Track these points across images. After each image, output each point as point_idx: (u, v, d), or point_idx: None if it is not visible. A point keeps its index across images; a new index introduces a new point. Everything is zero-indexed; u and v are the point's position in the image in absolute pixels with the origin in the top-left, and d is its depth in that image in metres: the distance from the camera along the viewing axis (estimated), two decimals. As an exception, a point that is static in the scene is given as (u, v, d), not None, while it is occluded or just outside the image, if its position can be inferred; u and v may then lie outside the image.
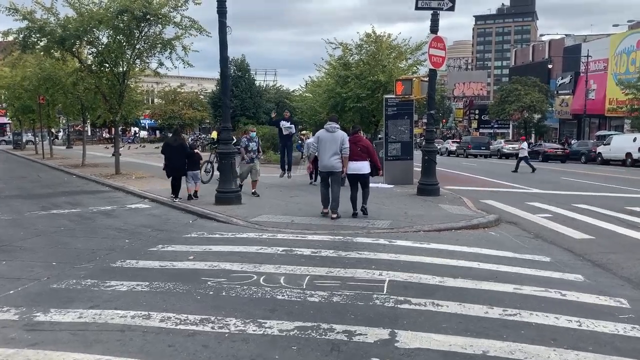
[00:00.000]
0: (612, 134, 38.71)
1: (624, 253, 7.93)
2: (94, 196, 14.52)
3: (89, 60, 19.20)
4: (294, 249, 7.63)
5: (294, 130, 18.10)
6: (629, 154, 31.98)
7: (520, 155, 25.57)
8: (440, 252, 7.57)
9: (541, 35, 64.15)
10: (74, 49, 18.36)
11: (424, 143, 14.02)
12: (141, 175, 18.93)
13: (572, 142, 46.87)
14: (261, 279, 6.11)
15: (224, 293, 5.62)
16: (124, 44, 18.32)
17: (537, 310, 5.17)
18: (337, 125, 10.24)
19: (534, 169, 24.43)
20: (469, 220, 10.00)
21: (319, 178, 11.11)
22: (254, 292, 5.64)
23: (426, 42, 21.88)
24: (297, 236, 8.59)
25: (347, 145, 9.95)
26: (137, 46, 18.66)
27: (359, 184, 10.39)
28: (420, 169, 13.94)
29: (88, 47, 18.96)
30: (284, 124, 17.03)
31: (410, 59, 23.28)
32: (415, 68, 23.10)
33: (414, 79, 14.33)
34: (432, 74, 13.29)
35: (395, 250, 7.61)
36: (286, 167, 17.15)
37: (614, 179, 21.00)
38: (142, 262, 7.04)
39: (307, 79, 32.11)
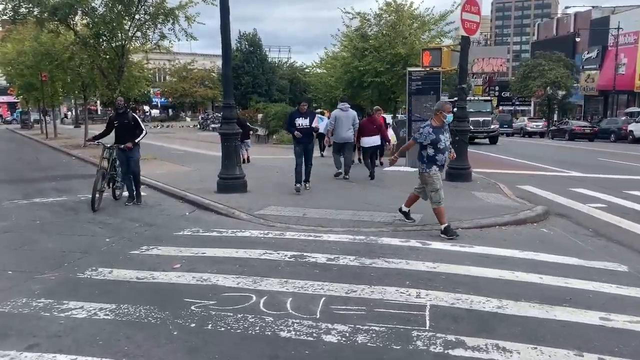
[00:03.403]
0: (644, 111, 36.49)
1: None
2: (87, 181, 13.10)
3: (85, 32, 17.69)
4: (305, 254, 6.17)
5: (321, 126, 12.96)
6: (664, 132, 29.94)
7: None
8: (488, 259, 6.06)
9: (566, 7, 61.05)
10: (68, 20, 16.89)
11: (454, 122, 12.36)
12: (143, 157, 17.38)
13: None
14: (261, 301, 4.67)
15: (209, 325, 4.18)
16: (122, 13, 16.83)
17: (646, 358, 3.67)
18: (349, 105, 12.43)
19: None
20: (514, 213, 8.43)
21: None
22: (250, 324, 4.19)
23: (452, 12, 20.15)
24: (309, 235, 7.11)
25: (357, 121, 12.30)
26: (137, 16, 17.16)
27: (371, 154, 12.67)
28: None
29: (84, 17, 17.47)
30: (300, 122, 10.58)
31: (433, 29, 21.49)
32: (439, 40, 21.32)
33: (444, 48, 12.65)
34: (465, 41, 11.59)
35: (432, 256, 6.10)
36: (303, 178, 10.79)
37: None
38: (116, 272, 5.64)
39: (321, 54, 30.31)
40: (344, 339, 3.92)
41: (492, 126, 29.23)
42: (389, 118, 20.25)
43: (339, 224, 7.76)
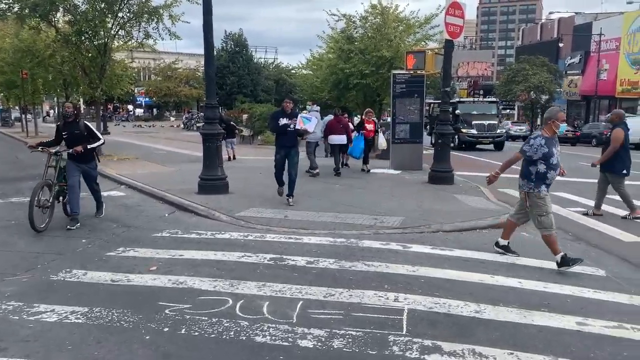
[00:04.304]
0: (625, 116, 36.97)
1: (693, 264, 6.40)
2: (66, 181, 12.96)
3: (67, 30, 17.44)
4: (284, 256, 6.11)
5: (311, 127, 9.44)
6: (644, 137, 30.30)
7: None
8: (467, 263, 6.05)
9: (550, 12, 61.97)
10: (49, 17, 16.64)
11: (437, 125, 12.42)
12: (124, 157, 17.37)
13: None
14: (238, 305, 4.59)
15: (183, 330, 4.10)
16: (105, 11, 16.62)
17: (621, 363, 3.68)
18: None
19: None
20: (495, 217, 8.47)
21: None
22: (224, 329, 4.12)
23: (436, 15, 20.24)
24: (290, 237, 7.05)
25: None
26: (120, 15, 16.96)
27: (338, 151, 13.71)
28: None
29: (65, 14, 17.21)
30: (284, 123, 9.12)
31: (418, 32, 21.59)
32: (424, 43, 21.42)
33: (428, 51, 12.68)
34: (449, 45, 11.61)
35: (412, 259, 6.08)
36: (286, 185, 9.44)
37: (637, 165, 19.37)
38: (90, 274, 5.53)
39: (308, 55, 30.38)
40: (319, 343, 3.86)
41: (499, 130, 27.10)
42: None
43: (321, 226, 7.71)
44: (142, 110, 71.16)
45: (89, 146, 7.87)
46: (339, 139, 13.51)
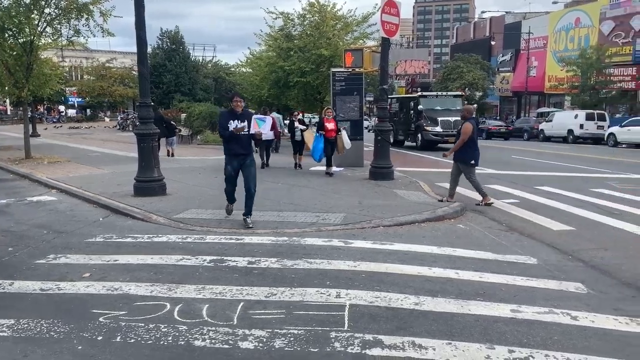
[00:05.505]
0: (553, 111, 38.92)
1: (616, 249, 6.77)
2: (-9, 186, 12.24)
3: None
4: (225, 258, 5.99)
5: (266, 129, 7.91)
6: (570, 131, 32.04)
7: None
8: (407, 256, 6.15)
9: (482, 12, 64.35)
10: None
11: (376, 122, 12.60)
12: (55, 159, 16.58)
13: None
14: (176, 309, 4.46)
15: (118, 338, 3.94)
16: (31, 7, 15.78)
17: (552, 347, 3.83)
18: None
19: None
20: (432, 210, 8.65)
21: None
22: (162, 334, 3.99)
23: (374, 13, 20.53)
24: (230, 238, 6.94)
25: None
26: (47, 10, 16.15)
27: (265, 146, 14.52)
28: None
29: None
30: (236, 125, 7.51)
31: (356, 31, 21.83)
32: (362, 41, 21.66)
33: (365, 49, 12.81)
34: (385, 43, 11.78)
35: (354, 255, 6.11)
36: (244, 210, 7.77)
37: (564, 157, 20.43)
38: (18, 284, 5.23)
39: (247, 53, 30.10)
40: (261, 344, 3.81)
41: None
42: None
43: (262, 225, 7.63)
44: (74, 111, 68.23)
45: None
46: (265, 135, 13.82)
